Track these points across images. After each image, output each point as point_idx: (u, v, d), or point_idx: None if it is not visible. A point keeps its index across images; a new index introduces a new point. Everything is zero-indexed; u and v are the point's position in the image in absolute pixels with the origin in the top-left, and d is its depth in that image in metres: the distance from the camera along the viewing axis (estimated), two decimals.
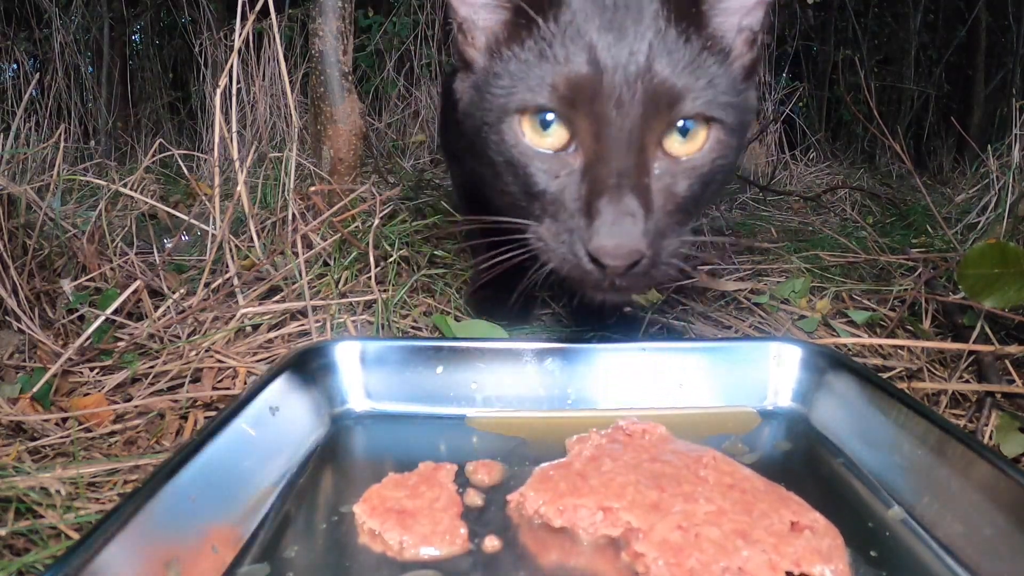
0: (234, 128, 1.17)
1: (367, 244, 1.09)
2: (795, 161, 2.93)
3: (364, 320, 0.98)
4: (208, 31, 2.71)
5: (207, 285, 1.03)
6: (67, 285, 1.02)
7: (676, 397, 0.73)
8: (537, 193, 0.61)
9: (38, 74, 2.91)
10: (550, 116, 0.59)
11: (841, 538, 0.49)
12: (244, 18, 1.12)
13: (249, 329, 0.97)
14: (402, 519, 0.51)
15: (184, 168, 1.47)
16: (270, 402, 0.63)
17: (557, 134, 0.59)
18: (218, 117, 1.11)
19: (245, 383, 0.85)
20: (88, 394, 0.83)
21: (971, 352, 0.90)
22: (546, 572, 0.48)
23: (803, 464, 0.64)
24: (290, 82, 1.61)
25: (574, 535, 0.51)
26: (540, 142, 0.59)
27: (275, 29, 1.34)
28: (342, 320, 0.96)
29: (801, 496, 0.53)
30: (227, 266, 1.04)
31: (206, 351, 0.89)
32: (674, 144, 0.59)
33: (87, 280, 1.07)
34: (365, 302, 1.03)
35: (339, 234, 1.13)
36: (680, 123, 0.58)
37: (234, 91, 1.20)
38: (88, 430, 0.76)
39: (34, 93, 2.71)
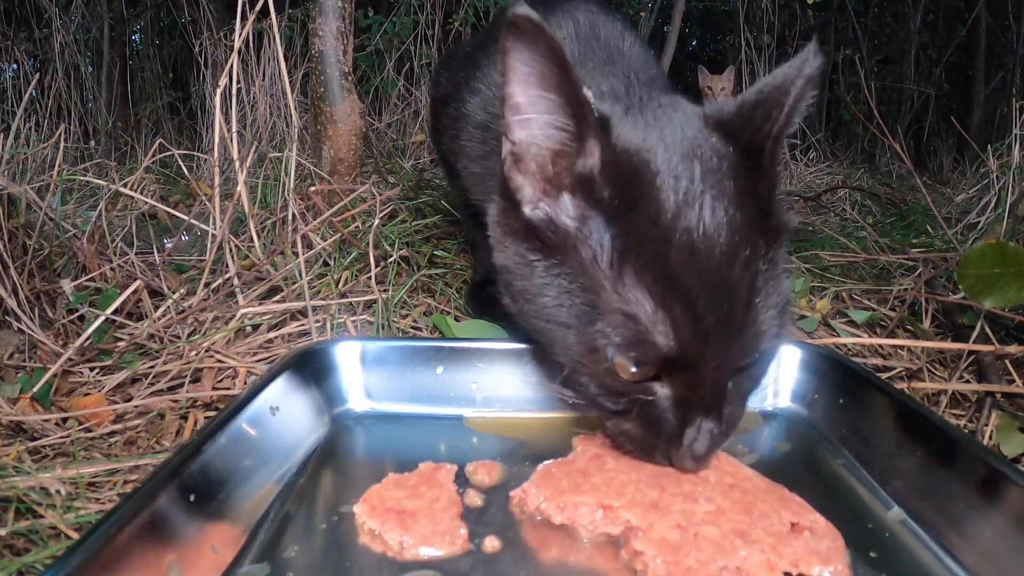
0: (234, 128, 1.17)
1: (367, 244, 1.09)
2: (795, 161, 2.94)
3: (364, 320, 0.98)
4: (208, 31, 2.71)
5: (207, 285, 1.03)
6: (67, 285, 1.02)
7: None
8: (616, 410, 0.57)
9: (38, 74, 2.91)
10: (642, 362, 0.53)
11: (841, 539, 0.49)
12: (244, 18, 1.12)
13: (249, 329, 0.97)
14: (402, 519, 0.51)
15: (184, 168, 1.47)
16: (270, 402, 0.63)
17: (647, 371, 0.54)
18: (218, 117, 1.11)
19: (245, 383, 0.85)
20: (88, 394, 0.83)
21: (971, 352, 0.90)
22: (546, 572, 0.48)
23: (803, 465, 0.64)
24: (290, 82, 1.61)
25: (574, 533, 0.52)
26: (628, 375, 0.54)
27: (275, 29, 1.34)
28: (342, 320, 0.96)
29: (801, 497, 0.53)
30: (227, 266, 1.04)
31: (206, 351, 0.89)
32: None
33: (87, 280, 1.07)
34: (365, 302, 1.03)
35: (339, 234, 1.13)
36: None
37: (234, 91, 1.20)
38: (88, 430, 0.76)
39: (34, 93, 2.71)
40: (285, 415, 0.64)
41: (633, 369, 0.53)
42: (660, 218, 0.51)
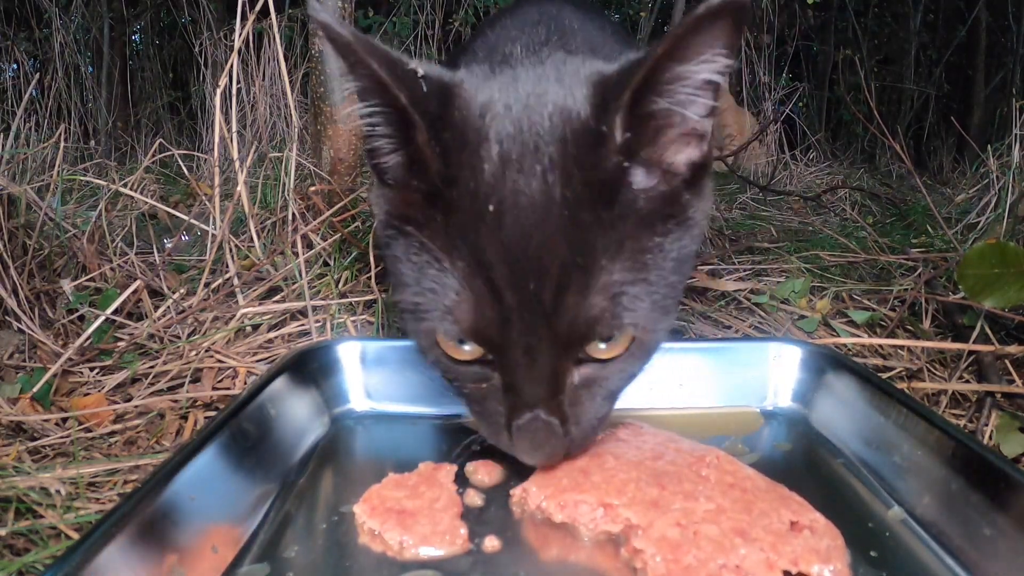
0: (234, 128, 1.17)
1: (367, 244, 1.09)
2: (795, 161, 2.94)
3: (364, 320, 0.98)
4: (208, 31, 2.71)
5: (207, 285, 1.03)
6: (67, 285, 1.02)
7: (676, 397, 0.73)
8: (460, 396, 0.56)
9: (38, 74, 2.91)
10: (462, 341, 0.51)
11: (841, 539, 0.49)
12: (244, 18, 1.12)
13: (249, 329, 0.97)
14: (402, 519, 0.51)
15: (184, 168, 1.47)
16: (270, 402, 0.63)
17: (474, 349, 0.52)
18: (218, 117, 1.11)
19: (245, 383, 0.85)
20: (88, 394, 0.83)
21: (971, 352, 0.90)
22: (546, 572, 0.48)
23: (803, 465, 0.64)
24: (290, 82, 1.61)
25: (574, 531, 0.52)
26: (458, 353, 0.52)
27: (275, 29, 1.34)
28: (342, 320, 0.96)
29: (801, 497, 0.53)
30: (227, 266, 1.04)
31: (206, 351, 0.89)
32: (595, 349, 0.51)
33: (87, 280, 1.07)
34: (365, 302, 1.03)
35: (339, 234, 1.13)
36: (599, 343, 0.51)
37: (234, 91, 1.20)
38: (88, 430, 0.76)
39: (34, 93, 2.71)
40: (285, 415, 0.64)
41: (459, 346, 0.51)
42: (477, 189, 0.48)
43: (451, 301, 0.49)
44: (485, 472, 0.59)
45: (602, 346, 0.50)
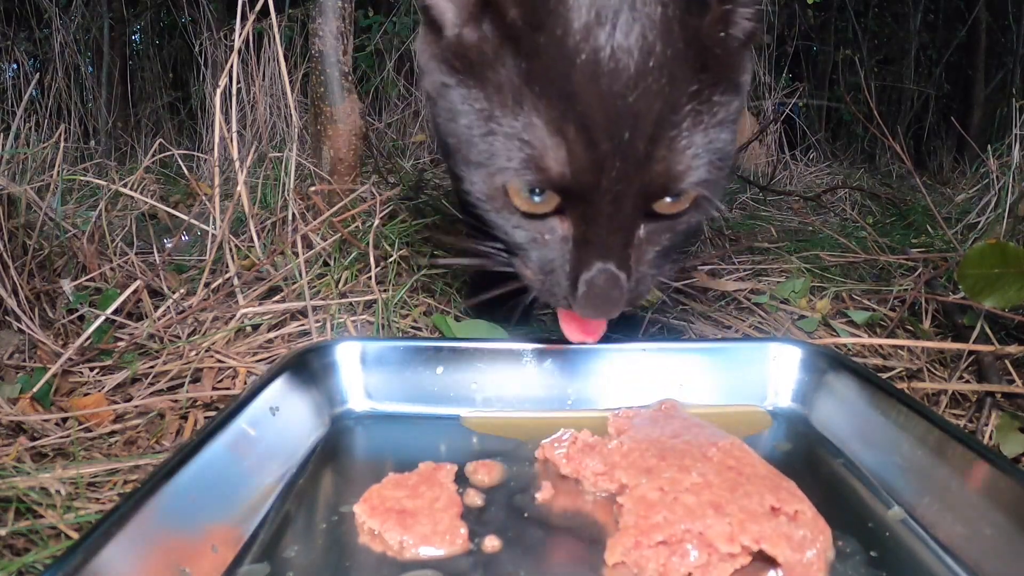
0: (234, 128, 1.17)
1: (367, 244, 1.09)
2: (795, 161, 2.94)
3: (364, 320, 0.98)
4: (208, 31, 2.71)
5: (207, 285, 1.03)
6: (67, 285, 1.02)
7: (676, 397, 0.73)
8: (519, 249, 0.57)
9: (38, 74, 2.91)
10: (538, 191, 0.52)
11: (827, 534, 0.49)
12: (244, 18, 1.12)
13: (249, 329, 0.97)
14: (402, 519, 0.51)
15: (184, 168, 1.47)
16: (270, 402, 0.63)
17: (547, 202, 0.53)
18: (218, 117, 1.11)
19: (245, 383, 0.85)
20: (88, 394, 0.83)
21: (971, 352, 0.90)
22: (546, 572, 0.48)
23: (803, 465, 0.64)
24: (290, 82, 1.61)
25: (580, 487, 0.57)
26: (526, 206, 0.53)
27: (275, 29, 1.34)
28: (342, 320, 0.96)
29: (801, 495, 0.53)
30: (227, 266, 1.04)
31: (206, 351, 0.89)
32: (662, 205, 0.54)
33: (87, 280, 1.07)
34: (365, 302, 1.03)
35: (339, 234, 1.13)
36: (668, 198, 0.53)
37: (234, 91, 1.20)
38: (88, 430, 0.76)
39: (34, 93, 2.71)
40: (285, 415, 0.64)
41: (532, 198, 0.51)
42: (566, 38, 0.48)
43: (535, 149, 0.49)
44: (485, 472, 0.59)
45: (669, 200, 0.53)
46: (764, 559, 0.47)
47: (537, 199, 0.51)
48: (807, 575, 0.46)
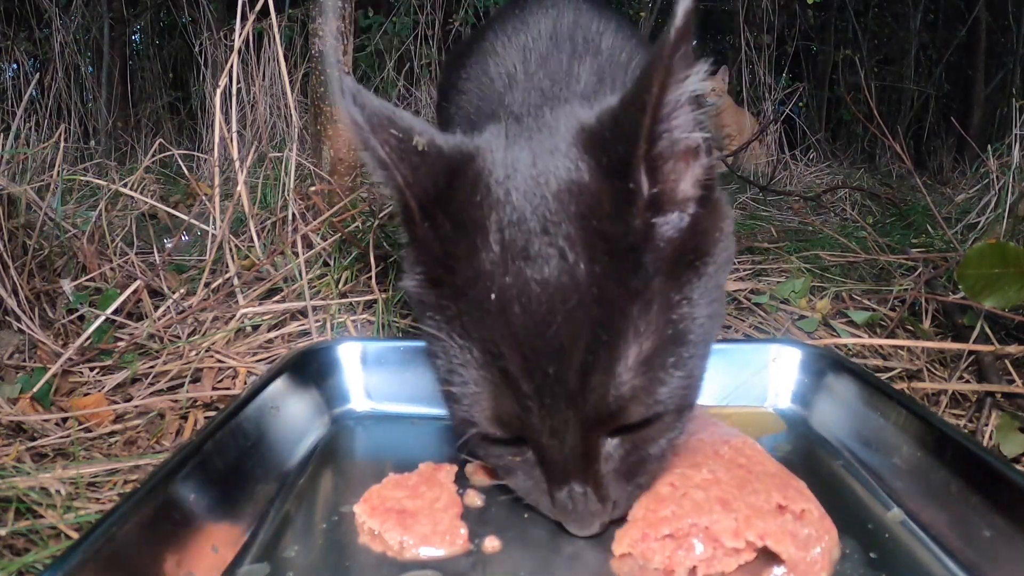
0: (234, 128, 1.17)
1: (367, 244, 1.09)
2: (795, 161, 2.94)
3: (364, 320, 0.98)
4: (208, 31, 2.71)
5: (207, 285, 1.03)
6: (67, 285, 1.02)
7: None
8: (498, 469, 0.54)
9: (38, 74, 2.91)
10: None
11: (834, 534, 0.49)
12: (244, 18, 1.12)
13: (249, 329, 0.97)
14: (402, 519, 0.51)
15: (184, 168, 1.47)
16: (270, 402, 0.63)
17: (504, 434, 0.50)
18: (218, 117, 1.11)
19: (245, 383, 0.85)
20: (88, 394, 0.83)
21: (971, 352, 0.90)
22: (546, 572, 0.48)
23: (803, 465, 0.64)
24: (290, 82, 1.61)
25: None
26: (491, 432, 0.50)
27: (275, 29, 1.34)
28: (342, 320, 0.96)
29: None
30: (227, 266, 1.04)
31: (206, 351, 0.89)
32: (625, 420, 0.48)
33: (87, 280, 1.07)
34: (365, 302, 1.03)
35: (339, 234, 1.13)
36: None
37: (234, 91, 1.20)
38: (88, 430, 0.76)
39: (34, 93, 2.71)
40: (285, 415, 0.64)
41: (484, 431, 0.49)
42: (480, 277, 0.46)
43: (474, 392, 0.48)
44: (485, 472, 0.59)
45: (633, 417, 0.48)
46: (769, 555, 0.47)
47: (484, 430, 0.49)
48: (811, 572, 0.46)
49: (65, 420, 0.77)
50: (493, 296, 0.45)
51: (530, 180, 0.47)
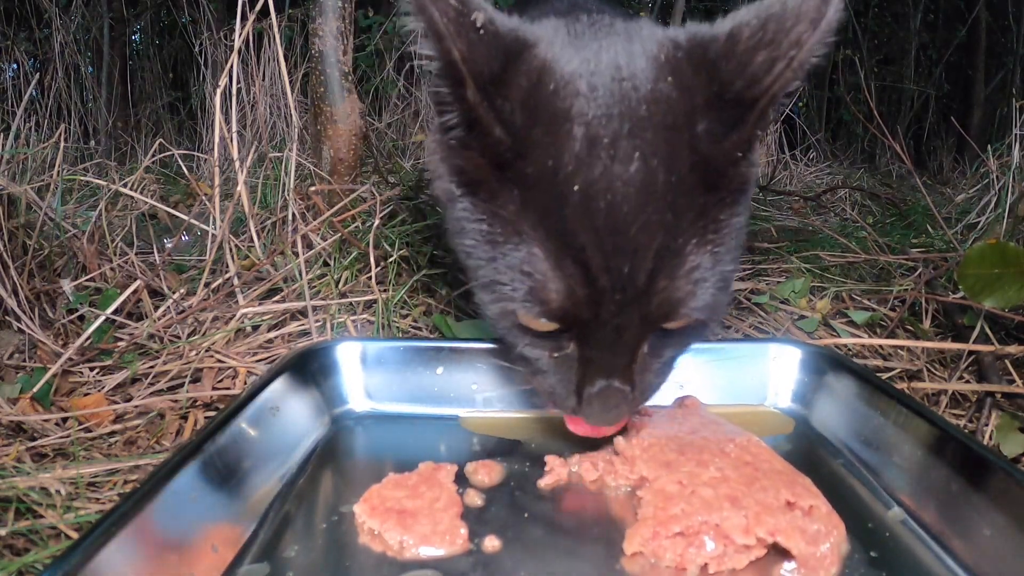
0: (234, 128, 1.17)
1: (367, 244, 1.09)
2: (795, 161, 2.93)
3: (364, 320, 0.98)
4: (208, 31, 2.71)
5: (207, 285, 1.03)
6: (67, 285, 1.02)
7: (676, 398, 0.73)
8: (528, 363, 0.56)
9: (38, 74, 2.91)
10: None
11: (841, 529, 0.50)
12: (244, 18, 1.12)
13: (249, 329, 0.97)
14: (402, 519, 0.51)
15: (184, 168, 1.47)
16: (270, 402, 0.63)
17: (553, 325, 0.51)
18: (218, 117, 1.11)
19: (245, 383, 0.85)
20: (88, 394, 0.83)
21: (971, 352, 0.90)
22: (546, 572, 0.48)
23: (803, 465, 0.63)
24: (290, 82, 1.61)
25: (602, 484, 0.58)
26: (536, 325, 0.51)
27: (275, 29, 1.34)
28: (342, 320, 0.96)
29: None
30: (227, 266, 1.04)
31: (206, 351, 0.89)
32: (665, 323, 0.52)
33: (87, 280, 1.07)
34: (365, 302, 1.03)
35: (339, 234, 1.13)
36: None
37: (234, 91, 1.20)
38: (88, 430, 0.76)
39: (34, 93, 2.70)
40: (285, 415, 0.64)
41: (532, 321, 0.51)
42: (557, 169, 0.46)
43: (536, 282, 0.48)
44: (485, 472, 0.59)
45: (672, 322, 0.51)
46: (779, 551, 0.48)
47: (544, 321, 0.50)
48: (820, 568, 0.47)
49: (65, 420, 0.77)
50: (576, 188, 0.46)
51: (616, 80, 0.48)
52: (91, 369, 0.89)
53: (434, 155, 0.56)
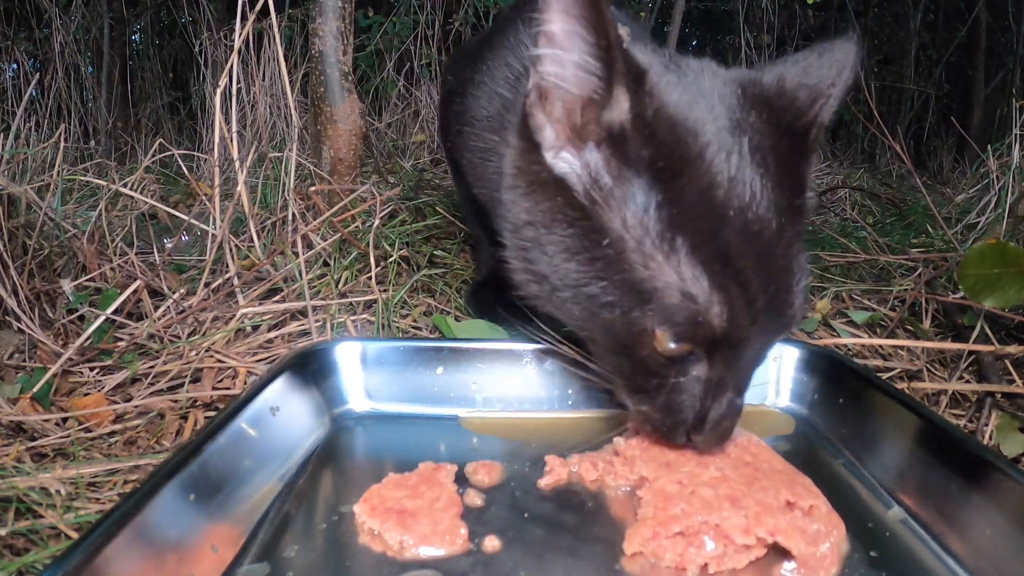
0: (234, 128, 1.17)
1: (367, 244, 1.09)
2: None
3: (364, 320, 0.98)
4: (208, 31, 2.71)
5: (207, 285, 1.03)
6: (67, 285, 1.02)
7: None
8: (646, 387, 0.54)
9: (38, 74, 2.91)
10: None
11: (841, 529, 0.50)
12: (244, 18, 1.12)
13: (249, 329, 0.97)
14: (402, 519, 0.51)
15: (184, 168, 1.47)
16: (270, 402, 0.63)
17: (688, 348, 0.51)
18: (218, 117, 1.11)
19: (245, 383, 0.85)
20: (88, 394, 0.83)
21: (971, 352, 0.90)
22: (546, 572, 0.48)
23: (803, 465, 0.63)
24: (290, 82, 1.61)
25: (602, 483, 0.58)
26: (668, 350, 0.51)
27: (275, 29, 1.34)
28: (342, 320, 0.96)
29: None
30: (227, 266, 1.04)
31: (206, 351, 0.89)
32: None
33: (87, 280, 1.07)
34: (365, 302, 1.03)
35: (339, 234, 1.13)
36: None
37: (234, 91, 1.19)
38: (88, 430, 0.76)
39: (34, 93, 2.70)
40: (285, 415, 0.64)
41: (673, 346, 0.50)
42: (712, 191, 0.48)
43: (699, 304, 0.48)
44: (485, 472, 0.59)
45: None
46: (779, 551, 0.48)
47: (678, 346, 0.50)
48: (820, 567, 0.47)
49: (65, 420, 0.77)
50: (732, 213, 0.48)
51: (728, 111, 0.52)
52: (91, 369, 0.89)
53: (513, 168, 0.57)
